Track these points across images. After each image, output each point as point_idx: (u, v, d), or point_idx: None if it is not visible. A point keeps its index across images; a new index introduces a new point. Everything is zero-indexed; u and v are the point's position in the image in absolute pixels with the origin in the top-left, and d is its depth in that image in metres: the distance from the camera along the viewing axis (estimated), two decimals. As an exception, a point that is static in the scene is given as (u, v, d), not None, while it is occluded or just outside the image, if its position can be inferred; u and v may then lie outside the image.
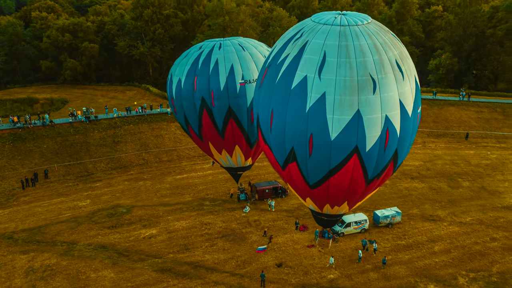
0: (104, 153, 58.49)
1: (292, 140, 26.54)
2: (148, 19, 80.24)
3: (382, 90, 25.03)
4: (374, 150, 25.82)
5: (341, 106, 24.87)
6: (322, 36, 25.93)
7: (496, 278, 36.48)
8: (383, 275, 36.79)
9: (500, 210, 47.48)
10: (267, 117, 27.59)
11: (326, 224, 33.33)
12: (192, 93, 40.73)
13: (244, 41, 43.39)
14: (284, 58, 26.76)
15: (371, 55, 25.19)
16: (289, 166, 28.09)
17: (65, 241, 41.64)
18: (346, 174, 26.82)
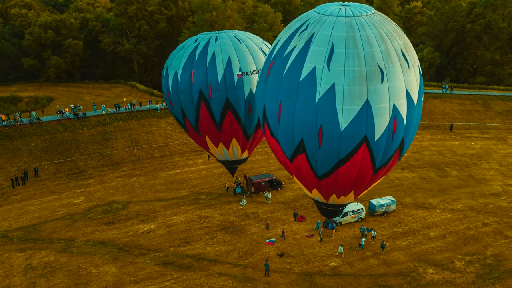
0: (95, 150, 57.65)
1: (301, 131, 26.64)
2: (132, 16, 79.31)
3: (389, 79, 25.45)
4: (382, 139, 26.21)
5: (351, 97, 25.12)
6: (328, 27, 26.10)
7: (491, 261, 37.74)
8: (383, 261, 37.60)
9: (489, 197, 49.02)
10: (274, 109, 27.55)
11: (330, 214, 33.81)
12: (190, 85, 40.61)
13: (239, 33, 43.53)
14: (291, 50, 26.72)
15: (377, 45, 25.57)
16: (297, 158, 28.18)
17: (62, 238, 41.01)
18: (355, 164, 27.16)
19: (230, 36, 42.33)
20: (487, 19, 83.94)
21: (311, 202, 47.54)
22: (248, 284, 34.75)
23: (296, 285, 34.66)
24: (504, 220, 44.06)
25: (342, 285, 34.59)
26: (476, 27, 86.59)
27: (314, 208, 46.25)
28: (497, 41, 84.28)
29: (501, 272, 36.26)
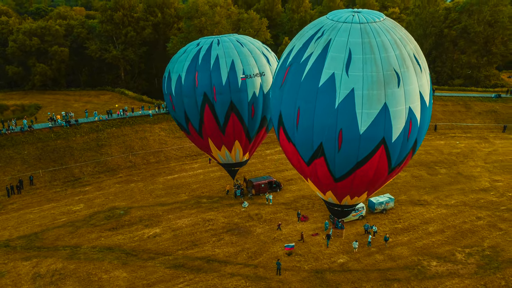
0: (89, 157, 57.07)
1: (320, 136, 27.16)
2: (119, 22, 78.97)
3: (405, 83, 26.33)
4: (398, 140, 27.09)
5: (370, 101, 25.83)
6: (344, 34, 26.77)
7: (489, 252, 39.49)
8: (389, 256, 38.81)
9: (479, 192, 51.18)
10: (292, 115, 28.00)
11: (341, 215, 34.70)
12: (194, 88, 41.06)
13: (240, 37, 44.33)
14: (308, 57, 27.23)
15: (392, 50, 26.41)
16: (315, 162, 28.68)
17: (67, 245, 40.52)
18: (372, 165, 27.92)
19: (232, 40, 43.04)
20: (463, 24, 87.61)
21: (311, 202, 48.62)
22: (262, 283, 35.27)
23: (308, 282, 35.41)
24: (496, 214, 46.13)
25: (353, 281, 35.55)
26: (452, 32, 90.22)
27: (315, 208, 47.37)
28: (473, 45, 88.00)
29: (500, 262, 38.00)
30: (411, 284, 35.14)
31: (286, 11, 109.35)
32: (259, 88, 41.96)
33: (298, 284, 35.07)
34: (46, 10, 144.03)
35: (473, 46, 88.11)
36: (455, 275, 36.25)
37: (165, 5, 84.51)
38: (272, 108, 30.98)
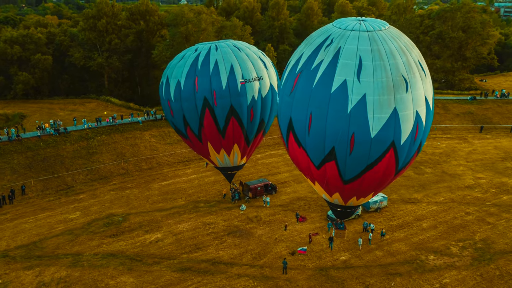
0: (81, 165, 56.42)
1: (333, 140, 27.96)
2: (103, 30, 78.47)
3: (412, 88, 27.46)
4: (406, 143, 28.31)
5: (380, 106, 26.86)
6: (353, 41, 27.74)
7: (481, 245, 41.45)
8: (388, 252, 40.19)
9: (465, 190, 53.50)
10: (304, 120, 28.64)
11: (344, 216, 35.82)
12: (194, 93, 41.57)
13: (237, 42, 45.20)
14: (318, 64, 27.97)
15: (400, 57, 27.58)
16: (325, 165, 29.54)
17: (68, 253, 40.07)
18: (382, 167, 28.99)
19: (230, 45, 43.85)
20: (437, 30, 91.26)
21: (307, 203, 49.70)
22: (269, 282, 35.93)
23: (314, 279, 36.30)
24: (483, 209, 48.38)
25: (356, 276, 36.68)
26: (426, 38, 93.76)
27: (311, 209, 48.46)
28: (447, 50, 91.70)
29: (492, 254, 39.97)
30: (412, 277, 36.56)
31: (266, 18, 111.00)
32: (258, 92, 42.86)
33: (305, 282, 35.91)
34: (15, 19, 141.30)
35: (447, 51, 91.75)
36: (452, 268, 37.92)
37: (148, 13, 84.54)
38: (281, 114, 31.30)
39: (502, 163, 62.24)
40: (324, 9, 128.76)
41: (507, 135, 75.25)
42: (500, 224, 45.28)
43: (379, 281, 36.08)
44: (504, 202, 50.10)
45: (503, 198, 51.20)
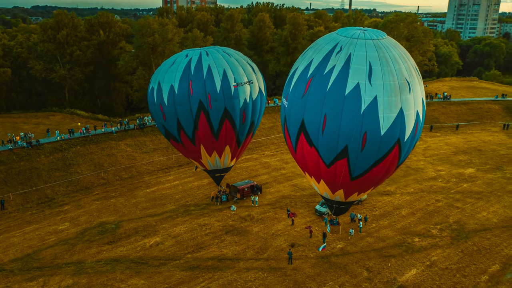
0: (59, 177, 54.93)
1: (346, 138, 30.54)
2: (63, 41, 76.67)
3: (413, 90, 31.06)
4: (408, 139, 31.72)
5: (390, 106, 29.96)
6: (362, 48, 30.64)
7: (456, 226, 46.06)
8: (378, 238, 43.52)
9: (429, 181, 58.71)
10: (317, 121, 30.93)
11: (341, 211, 38.66)
12: (188, 97, 42.87)
13: (225, 49, 47.17)
14: (331, 69, 30.47)
15: (402, 62, 31.04)
16: (336, 163, 32.09)
17: (69, 262, 39.36)
18: (387, 163, 32.19)
19: (219, 51, 45.74)
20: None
21: (293, 200, 52.21)
22: (278, 272, 37.74)
23: (318, 266, 38.61)
24: (450, 196, 53.54)
25: (356, 261, 39.50)
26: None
27: (298, 205, 51.00)
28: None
29: (467, 233, 44.62)
30: (405, 258, 40.02)
31: (221, 30, 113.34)
32: (249, 95, 44.99)
33: (311, 269, 38.13)
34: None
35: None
36: (436, 247, 41.92)
37: (109, 24, 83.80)
38: (292, 116, 33.04)
39: (455, 157, 68.75)
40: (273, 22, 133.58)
41: (453, 132, 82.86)
42: (467, 207, 50.42)
43: (377, 263, 39.13)
44: (465, 189, 55.69)
45: (464, 186, 56.87)
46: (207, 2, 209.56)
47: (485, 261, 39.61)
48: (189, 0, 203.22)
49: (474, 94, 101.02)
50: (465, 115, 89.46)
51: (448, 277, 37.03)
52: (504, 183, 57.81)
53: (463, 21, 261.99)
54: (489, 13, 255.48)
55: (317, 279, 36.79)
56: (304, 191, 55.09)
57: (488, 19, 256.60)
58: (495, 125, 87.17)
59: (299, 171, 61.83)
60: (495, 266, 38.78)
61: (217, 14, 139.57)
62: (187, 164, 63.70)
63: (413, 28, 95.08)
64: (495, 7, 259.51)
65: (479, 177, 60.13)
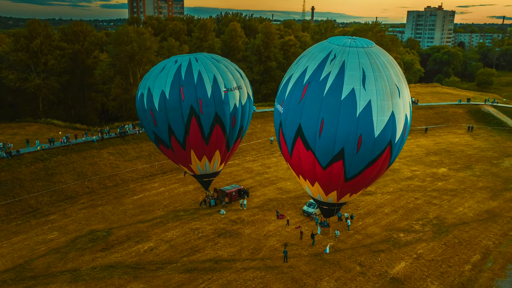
0: (42, 187, 53.90)
1: (342, 141, 32.10)
2: (37, 50, 75.30)
3: (402, 95, 33.09)
4: (398, 141, 33.78)
5: (382, 109, 31.80)
6: (355, 56, 32.47)
7: (436, 221, 48.65)
8: (366, 235, 45.38)
9: (406, 180, 61.53)
10: (314, 125, 32.32)
11: (331, 213, 40.31)
12: (179, 102, 43.52)
13: (213, 55, 48.15)
14: (327, 75, 31.97)
15: (391, 68, 33.05)
16: (332, 165, 33.54)
17: (64, 270, 38.93)
18: (379, 164, 34.02)
19: (208, 57, 46.73)
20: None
21: (279, 203, 53.52)
22: (274, 270, 38.77)
23: (312, 263, 39.94)
24: (427, 194, 56.38)
25: (348, 257, 41.10)
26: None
27: (285, 207, 52.35)
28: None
29: (447, 227, 47.24)
30: (393, 252, 42.00)
31: (193, 39, 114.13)
32: (238, 100, 46.14)
33: (306, 266, 39.40)
34: None
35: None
36: (421, 241, 44.20)
37: (83, 33, 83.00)
38: (288, 121, 34.28)
39: (427, 158, 72.24)
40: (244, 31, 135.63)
41: (422, 135, 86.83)
42: (444, 204, 53.29)
43: (367, 258, 40.88)
44: (440, 187, 58.77)
45: (439, 184, 59.98)
46: (174, 12, 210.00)
47: (467, 252, 42.15)
48: (157, 10, 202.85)
49: (439, 99, 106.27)
50: (432, 119, 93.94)
51: (435, 268, 39.21)
52: (475, 181, 61.40)
53: (421, 31, 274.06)
54: (445, 23, 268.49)
55: (313, 275, 38.08)
56: (290, 193, 56.51)
57: (445, 29, 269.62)
58: (460, 128, 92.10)
59: (282, 175, 63.44)
60: (476, 256, 41.35)
61: (188, 23, 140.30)
62: (170, 171, 63.87)
63: (381, 37, 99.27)
64: (450, 18, 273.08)
65: (451, 175, 63.55)
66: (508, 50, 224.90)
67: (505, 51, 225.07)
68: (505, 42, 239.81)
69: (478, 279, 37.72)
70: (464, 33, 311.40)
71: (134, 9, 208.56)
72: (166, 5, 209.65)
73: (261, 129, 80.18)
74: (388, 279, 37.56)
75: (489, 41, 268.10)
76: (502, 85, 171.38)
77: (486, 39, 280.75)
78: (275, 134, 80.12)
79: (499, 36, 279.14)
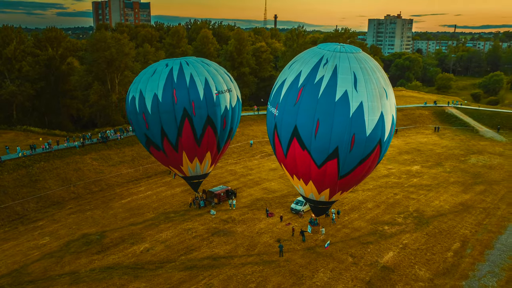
0: (27, 194, 53.06)
1: (337, 140, 34.24)
2: (11, 57, 73.82)
3: (389, 97, 35.76)
4: (387, 140, 36.48)
5: (373, 110, 34.24)
6: (346, 61, 34.96)
7: (416, 214, 51.57)
8: (353, 229, 47.59)
9: (384, 178, 64.55)
10: (310, 126, 34.29)
11: (321, 212, 42.35)
12: (173, 105, 44.53)
13: (203, 59, 49.38)
14: (320, 78, 34.14)
15: (378, 72, 35.83)
16: (327, 164, 35.62)
17: (62, 273, 38.82)
18: (369, 161, 36.40)
19: (198, 61, 47.99)
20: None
21: (267, 202, 55.07)
22: (272, 264, 40.19)
23: (307, 257, 41.64)
24: (405, 189, 59.49)
25: (339, 249, 43.08)
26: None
27: (273, 206, 53.97)
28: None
29: (427, 219, 50.22)
30: (381, 243, 44.36)
31: (166, 46, 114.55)
32: (229, 103, 47.57)
33: (301, 260, 41.06)
34: None
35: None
36: (405, 232, 46.85)
37: (57, 39, 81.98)
38: (284, 122, 36.05)
39: (400, 157, 75.85)
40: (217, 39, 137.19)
41: (393, 136, 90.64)
42: (421, 198, 56.45)
43: (358, 249, 43.01)
44: (416, 183, 62.11)
45: (414, 181, 63.33)
46: (141, 19, 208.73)
47: (447, 240, 45.09)
48: (123, 18, 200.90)
49: (405, 102, 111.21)
50: (401, 121, 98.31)
51: (421, 256, 41.81)
52: (447, 176, 65.22)
53: (382, 38, 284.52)
54: (404, 31, 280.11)
55: (309, 267, 39.76)
56: (275, 193, 58.16)
57: (404, 37, 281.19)
58: (428, 128, 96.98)
59: (265, 176, 65.07)
60: (456, 244, 44.33)
61: (158, 30, 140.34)
62: (155, 175, 64.19)
63: (350, 43, 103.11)
64: (408, 26, 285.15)
65: (424, 172, 67.17)
66: (463, 56, 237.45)
67: (460, 57, 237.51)
68: (460, 49, 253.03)
69: (461, 264, 40.56)
70: (421, 41, 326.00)
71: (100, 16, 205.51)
72: (132, 13, 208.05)
73: (240, 133, 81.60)
74: (379, 267, 39.77)
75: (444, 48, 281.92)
76: (459, 89, 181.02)
77: (442, 46, 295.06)
78: (253, 137, 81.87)
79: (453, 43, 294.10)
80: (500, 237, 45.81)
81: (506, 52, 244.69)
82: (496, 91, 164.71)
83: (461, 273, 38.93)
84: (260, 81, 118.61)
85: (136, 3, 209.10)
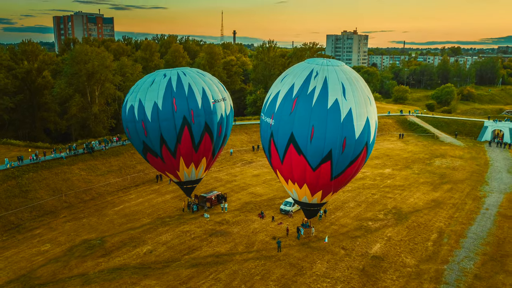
0: (19, 204, 53.19)
1: (330, 144, 38.06)
2: (-12, 69, 73.36)
3: (372, 104, 40.23)
4: (372, 143, 40.81)
5: (360, 116, 38.43)
6: (334, 73, 39.20)
7: (395, 211, 56.08)
8: (340, 226, 51.34)
9: (360, 180, 69.12)
10: (306, 132, 37.97)
11: (313, 214, 45.83)
12: (173, 113, 46.98)
13: (196, 70, 52.11)
14: (313, 89, 38.15)
15: (361, 82, 40.32)
16: (321, 166, 39.34)
17: (71, 276, 39.86)
18: (357, 163, 40.47)
19: (194, 71, 50.76)
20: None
21: (256, 205, 57.93)
22: (272, 259, 43.04)
23: (303, 251, 44.80)
24: (381, 190, 64.20)
25: (331, 243, 46.57)
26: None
27: (263, 208, 56.84)
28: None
29: (405, 214, 54.84)
30: (367, 237, 48.29)
31: (139, 59, 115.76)
32: (224, 111, 50.49)
33: (298, 254, 44.18)
34: None
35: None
36: (388, 226, 51.10)
37: (34, 53, 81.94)
38: (280, 131, 39.47)
39: (372, 161, 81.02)
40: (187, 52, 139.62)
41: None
42: (397, 197, 61.26)
43: (348, 243, 46.69)
44: (391, 184, 67.06)
45: (388, 182, 68.31)
46: (104, 35, 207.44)
47: (426, 232, 49.68)
48: (86, 33, 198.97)
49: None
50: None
51: (405, 246, 46.02)
52: (416, 177, 70.71)
53: (340, 52, 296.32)
54: (360, 46, 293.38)
55: (307, 259, 42.93)
56: (262, 196, 61.18)
57: (360, 51, 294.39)
58: (393, 136, 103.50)
59: (250, 181, 68.04)
60: (434, 235, 48.97)
61: (127, 44, 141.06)
62: (143, 183, 65.62)
63: (318, 56, 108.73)
64: (364, 41, 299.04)
65: (396, 174, 72.42)
66: (416, 70, 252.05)
67: (413, 71, 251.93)
68: (412, 63, 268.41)
69: (440, 251, 45.04)
70: (376, 55, 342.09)
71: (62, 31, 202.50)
72: (96, 28, 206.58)
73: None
74: (370, 257, 43.54)
75: (398, 62, 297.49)
76: (414, 100, 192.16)
77: (395, 60, 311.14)
78: (232, 146, 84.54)
79: (406, 58, 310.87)
80: (471, 228, 50.95)
81: (454, 65, 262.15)
82: (448, 102, 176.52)
83: (442, 259, 43.36)
84: (231, 93, 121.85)
85: (99, 18, 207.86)
